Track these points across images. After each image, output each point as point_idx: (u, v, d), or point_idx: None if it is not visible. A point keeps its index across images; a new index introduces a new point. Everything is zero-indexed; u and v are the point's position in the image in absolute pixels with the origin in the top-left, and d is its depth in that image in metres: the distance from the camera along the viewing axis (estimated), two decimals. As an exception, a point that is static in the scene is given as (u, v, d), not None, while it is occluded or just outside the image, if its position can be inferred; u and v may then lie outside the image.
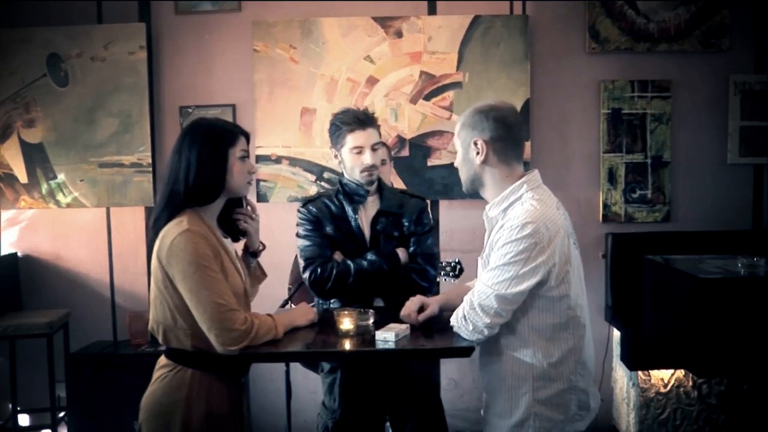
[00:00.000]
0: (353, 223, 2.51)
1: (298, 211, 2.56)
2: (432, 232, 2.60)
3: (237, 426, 1.98)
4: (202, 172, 1.88)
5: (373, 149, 2.46)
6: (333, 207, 2.52)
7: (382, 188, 2.58)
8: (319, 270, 2.42)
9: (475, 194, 2.04)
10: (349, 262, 2.43)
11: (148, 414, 1.91)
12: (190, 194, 1.89)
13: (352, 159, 2.47)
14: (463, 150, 1.97)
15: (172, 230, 1.85)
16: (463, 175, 2.01)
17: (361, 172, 2.46)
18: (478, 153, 1.93)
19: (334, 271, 2.41)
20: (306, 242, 2.49)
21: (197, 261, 1.82)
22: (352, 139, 2.45)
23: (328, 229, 2.50)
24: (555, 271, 1.84)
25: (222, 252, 1.92)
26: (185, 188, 1.88)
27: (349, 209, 2.52)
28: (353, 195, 2.51)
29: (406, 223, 2.53)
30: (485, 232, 2.02)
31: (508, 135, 1.93)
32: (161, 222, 1.89)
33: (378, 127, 2.53)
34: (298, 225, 2.54)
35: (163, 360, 1.95)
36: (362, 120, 2.46)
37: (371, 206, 2.54)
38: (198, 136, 1.91)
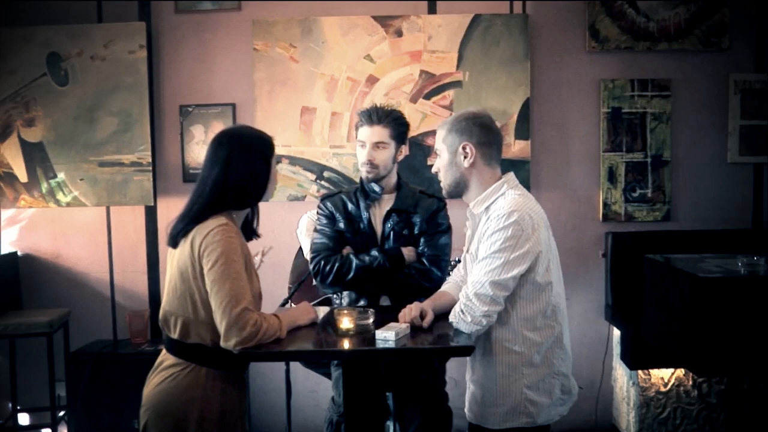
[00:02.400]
0: (364, 220, 2.54)
1: (317, 206, 2.65)
2: (446, 233, 2.57)
3: (243, 422, 2.01)
4: (260, 179, 1.99)
5: (376, 147, 2.51)
6: (349, 203, 2.58)
7: (401, 187, 2.61)
8: (322, 263, 2.48)
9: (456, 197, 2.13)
10: (351, 256, 2.47)
11: (158, 414, 1.90)
12: (242, 198, 1.97)
13: (358, 153, 2.56)
14: (450, 155, 2.07)
15: (210, 223, 1.91)
16: (448, 179, 2.10)
17: (361, 166, 2.55)
18: (466, 156, 2.04)
19: (336, 265, 2.45)
20: (318, 235, 2.57)
21: (228, 254, 1.86)
22: (359, 134, 2.55)
23: (341, 225, 2.56)
24: (542, 257, 1.96)
25: (248, 253, 1.99)
26: (241, 193, 1.96)
27: (362, 205, 2.56)
28: (368, 192, 2.57)
29: (417, 222, 2.54)
30: (468, 230, 2.13)
31: (493, 139, 2.07)
32: (200, 219, 1.93)
33: (391, 128, 2.52)
34: (315, 220, 2.63)
35: (171, 359, 1.94)
36: (371, 117, 2.52)
37: (386, 204, 2.58)
38: (248, 145, 1.99)
